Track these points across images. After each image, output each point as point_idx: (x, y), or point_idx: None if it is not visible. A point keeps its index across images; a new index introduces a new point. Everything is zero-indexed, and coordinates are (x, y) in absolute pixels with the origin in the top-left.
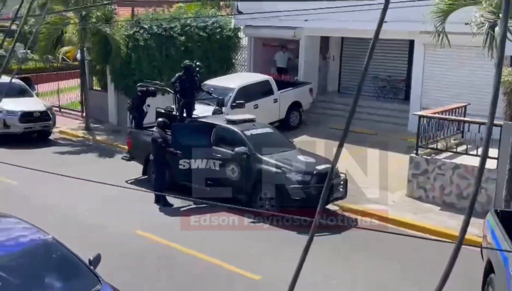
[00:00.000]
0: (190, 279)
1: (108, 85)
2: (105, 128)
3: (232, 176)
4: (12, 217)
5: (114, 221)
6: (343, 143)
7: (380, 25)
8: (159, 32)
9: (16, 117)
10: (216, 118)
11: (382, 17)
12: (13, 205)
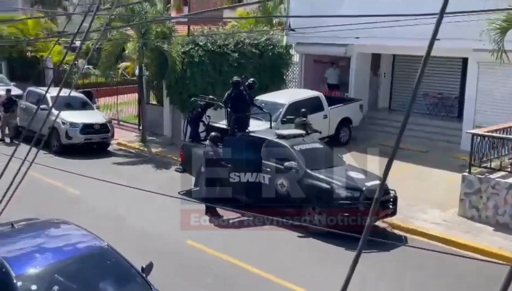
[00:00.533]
0: (238, 290)
1: (164, 100)
2: (160, 141)
3: (281, 190)
4: (71, 223)
5: (166, 230)
6: (393, 160)
7: (432, 42)
8: (213, 49)
9: (77, 129)
10: (266, 133)
11: (434, 35)
12: (73, 212)
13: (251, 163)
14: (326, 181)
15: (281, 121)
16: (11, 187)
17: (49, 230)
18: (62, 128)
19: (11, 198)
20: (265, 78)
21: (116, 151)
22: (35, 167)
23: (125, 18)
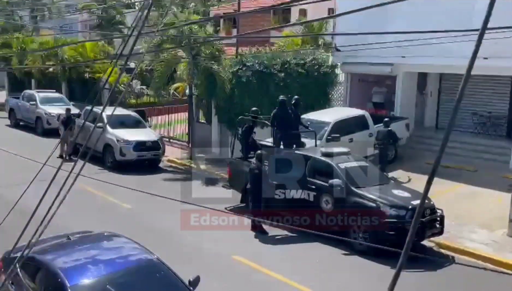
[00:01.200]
0: None
1: (212, 118)
2: (208, 158)
3: (326, 207)
4: (123, 236)
5: (213, 245)
6: (433, 178)
7: (473, 60)
8: (260, 69)
9: (131, 146)
10: (311, 150)
11: (475, 52)
12: (125, 225)
13: (296, 180)
14: (371, 199)
15: (326, 139)
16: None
17: (102, 243)
18: (116, 146)
19: (58, 208)
20: (311, 97)
21: (167, 167)
22: (91, 182)
23: (176, 40)
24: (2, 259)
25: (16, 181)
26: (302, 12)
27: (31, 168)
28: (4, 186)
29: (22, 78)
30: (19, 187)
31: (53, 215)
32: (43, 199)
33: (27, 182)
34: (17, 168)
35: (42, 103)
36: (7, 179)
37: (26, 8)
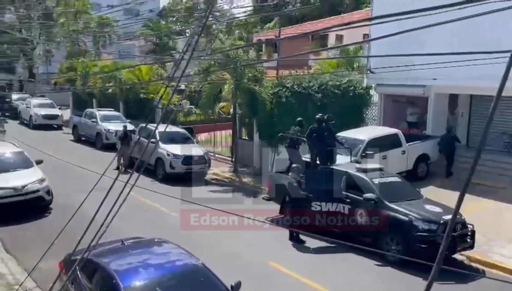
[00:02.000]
0: None
1: (254, 135)
2: (249, 171)
3: (360, 220)
4: (171, 243)
5: (252, 252)
6: (464, 193)
7: (503, 82)
8: (299, 90)
9: (179, 160)
10: (346, 166)
11: (506, 74)
12: (173, 232)
13: (332, 193)
14: (404, 213)
15: (361, 156)
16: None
17: (152, 248)
18: (167, 159)
19: (115, 215)
20: (346, 117)
21: (212, 180)
22: (143, 192)
23: (222, 64)
24: (63, 261)
25: (76, 190)
26: (338, 37)
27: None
28: (65, 194)
29: (85, 98)
30: (79, 195)
31: (111, 221)
32: (101, 206)
33: (86, 191)
34: (77, 178)
35: (101, 120)
36: (69, 188)
37: (89, 35)
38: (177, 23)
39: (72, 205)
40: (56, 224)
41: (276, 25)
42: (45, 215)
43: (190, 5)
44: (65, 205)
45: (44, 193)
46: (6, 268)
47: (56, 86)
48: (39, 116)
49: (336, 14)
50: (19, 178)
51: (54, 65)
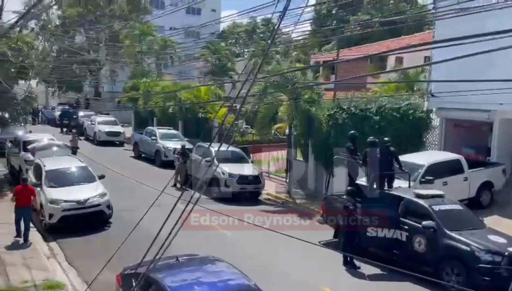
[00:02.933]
0: None
1: (309, 157)
2: (304, 193)
3: (418, 248)
4: (224, 261)
5: (305, 276)
6: None
7: None
8: (356, 112)
9: (234, 179)
10: (405, 191)
11: None
12: (225, 251)
13: (388, 219)
14: (466, 243)
15: (420, 181)
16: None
17: (206, 266)
18: (222, 178)
19: (176, 234)
20: (405, 141)
21: (265, 200)
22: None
23: (279, 85)
24: (120, 274)
25: (135, 205)
26: (398, 59)
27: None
28: (124, 209)
29: (146, 116)
30: (137, 210)
31: (172, 239)
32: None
33: (144, 206)
34: (136, 193)
35: (161, 138)
36: (128, 202)
37: (152, 57)
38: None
39: (130, 220)
40: (115, 238)
41: (334, 47)
42: (105, 228)
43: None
44: (124, 219)
45: (105, 207)
46: (68, 278)
47: (119, 105)
48: (103, 133)
49: (396, 35)
50: (82, 191)
51: (119, 85)
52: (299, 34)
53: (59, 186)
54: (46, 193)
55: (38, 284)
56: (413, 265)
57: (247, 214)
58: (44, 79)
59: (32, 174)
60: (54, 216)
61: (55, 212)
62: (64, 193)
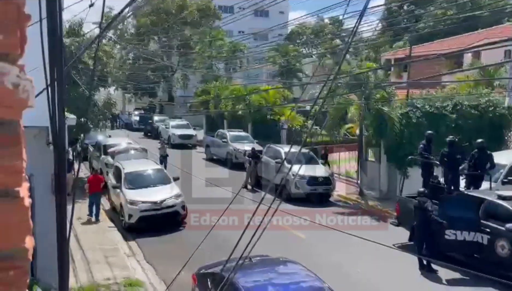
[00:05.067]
0: None
1: (381, 157)
2: (376, 195)
3: (502, 252)
4: (297, 263)
5: (379, 279)
6: None
7: None
8: (431, 111)
9: (305, 181)
10: (486, 193)
11: None
12: (298, 253)
13: (468, 221)
14: None
15: (502, 182)
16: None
17: (278, 267)
18: (292, 180)
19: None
20: (484, 139)
21: (336, 201)
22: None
23: (349, 85)
24: (196, 274)
25: (208, 206)
26: (476, 54)
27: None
28: (198, 210)
29: (216, 120)
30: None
31: (254, 244)
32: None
33: (216, 207)
34: (209, 194)
35: (232, 141)
36: (201, 203)
37: (222, 61)
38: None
39: (204, 220)
40: (189, 238)
41: (406, 43)
42: (180, 229)
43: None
44: (198, 220)
45: (179, 208)
46: (147, 277)
47: (191, 109)
48: (176, 136)
49: (473, 29)
50: (158, 193)
51: (190, 89)
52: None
53: (137, 187)
54: (126, 194)
55: (119, 281)
56: (496, 271)
57: (318, 215)
58: (121, 86)
59: (112, 176)
60: (133, 216)
61: (134, 213)
62: (142, 194)
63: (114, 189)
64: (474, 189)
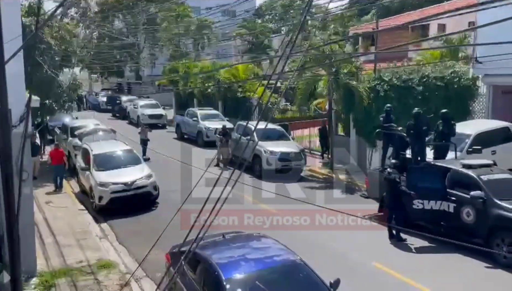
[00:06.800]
0: None
1: (351, 131)
2: (346, 168)
3: (467, 219)
4: (270, 238)
5: (350, 250)
6: None
7: None
8: (398, 84)
9: (276, 157)
10: (451, 162)
11: None
12: (270, 227)
13: (435, 191)
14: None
15: (467, 151)
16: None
17: (252, 242)
18: (263, 156)
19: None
20: (450, 110)
21: (308, 176)
22: (242, 187)
23: (317, 60)
24: (170, 253)
25: (179, 185)
26: (440, 27)
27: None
28: (170, 189)
29: (186, 98)
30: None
31: (215, 216)
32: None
33: (189, 186)
34: (181, 173)
35: (202, 119)
36: (173, 183)
37: (190, 38)
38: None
39: (176, 200)
40: (162, 218)
41: (373, 17)
42: (152, 209)
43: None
44: (170, 199)
45: (151, 188)
46: (120, 258)
47: (160, 88)
48: (146, 116)
49: (438, 1)
50: (129, 174)
51: (158, 68)
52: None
53: (107, 169)
54: (95, 176)
55: (92, 263)
56: (462, 237)
57: (290, 190)
58: (86, 66)
59: (81, 159)
60: (103, 198)
61: (105, 195)
62: (112, 176)
63: (83, 171)
64: (441, 159)
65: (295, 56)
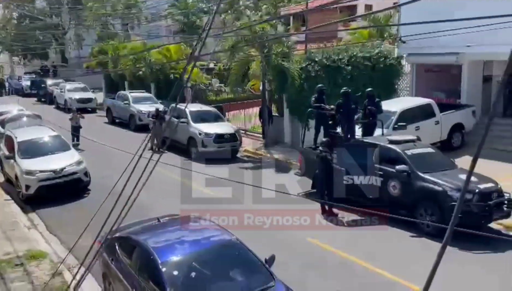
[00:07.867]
0: (352, 285)
1: (284, 111)
2: (281, 148)
3: (393, 192)
4: (205, 219)
5: (288, 228)
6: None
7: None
8: (328, 64)
9: (211, 139)
10: (378, 139)
11: None
12: (207, 209)
13: (363, 166)
14: (438, 183)
15: (393, 128)
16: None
17: (187, 225)
18: (199, 138)
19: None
20: (377, 89)
21: (243, 157)
22: (178, 171)
23: (249, 40)
24: (100, 240)
25: (112, 171)
26: (368, 7)
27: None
28: (102, 175)
29: (117, 81)
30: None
31: (136, 197)
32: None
33: (121, 172)
34: (113, 159)
35: (134, 102)
36: (105, 169)
37: (118, 17)
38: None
39: (109, 186)
40: (94, 204)
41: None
42: (84, 196)
43: None
44: (102, 185)
45: (82, 175)
46: (51, 247)
47: (88, 70)
48: (74, 100)
49: None
50: (57, 160)
51: (86, 49)
52: None
53: (33, 156)
54: (21, 164)
55: (21, 254)
56: (390, 209)
57: (226, 171)
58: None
59: (4, 146)
60: (31, 187)
61: (32, 183)
62: (39, 163)
63: (8, 159)
64: (369, 136)
65: (228, 36)
